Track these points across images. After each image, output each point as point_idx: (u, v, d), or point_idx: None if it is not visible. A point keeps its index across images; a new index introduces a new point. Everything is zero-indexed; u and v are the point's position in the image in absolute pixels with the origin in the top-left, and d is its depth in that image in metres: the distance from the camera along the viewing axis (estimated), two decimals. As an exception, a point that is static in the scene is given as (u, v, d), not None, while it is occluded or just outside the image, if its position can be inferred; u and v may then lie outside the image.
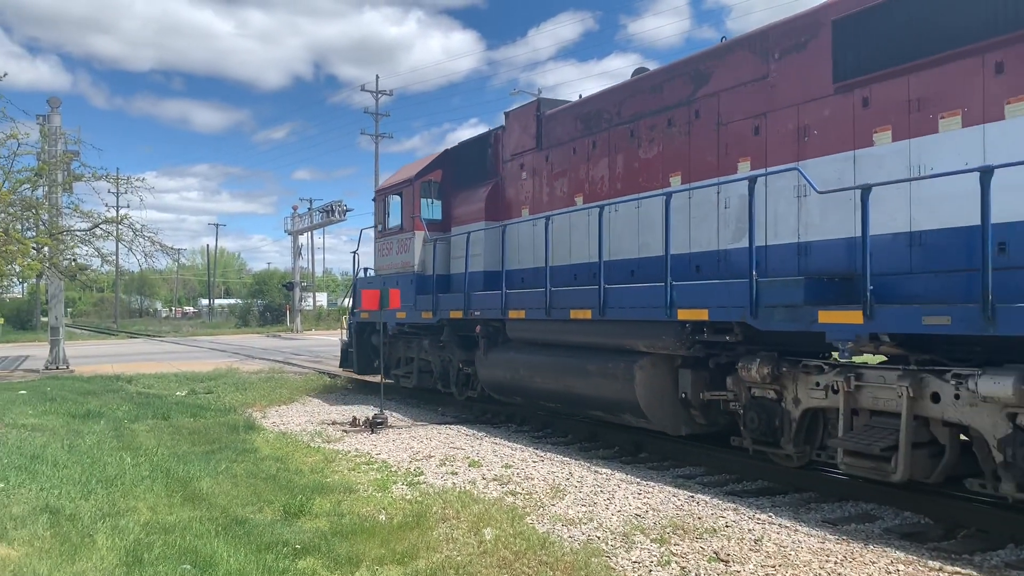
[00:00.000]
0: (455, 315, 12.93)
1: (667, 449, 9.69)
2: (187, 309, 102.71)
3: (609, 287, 9.76)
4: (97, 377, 20.69)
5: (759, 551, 5.98)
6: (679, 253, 9.31)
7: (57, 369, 23.35)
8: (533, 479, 8.49)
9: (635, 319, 9.34)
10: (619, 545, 6.16)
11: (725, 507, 7.25)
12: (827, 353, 7.83)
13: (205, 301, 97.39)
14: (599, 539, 6.31)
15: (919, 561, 5.74)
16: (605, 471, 8.86)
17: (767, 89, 8.73)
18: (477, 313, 12.41)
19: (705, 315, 8.31)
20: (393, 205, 15.72)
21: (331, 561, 5.70)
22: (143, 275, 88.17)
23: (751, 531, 6.49)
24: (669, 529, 6.52)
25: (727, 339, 8.39)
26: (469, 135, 14.50)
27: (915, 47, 7.21)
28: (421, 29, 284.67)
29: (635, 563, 5.76)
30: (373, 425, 11.95)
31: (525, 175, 13.10)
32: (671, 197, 9.00)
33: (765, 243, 8.51)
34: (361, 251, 17.22)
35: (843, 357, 7.20)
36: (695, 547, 6.07)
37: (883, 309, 6.71)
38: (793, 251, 8.30)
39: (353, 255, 17.67)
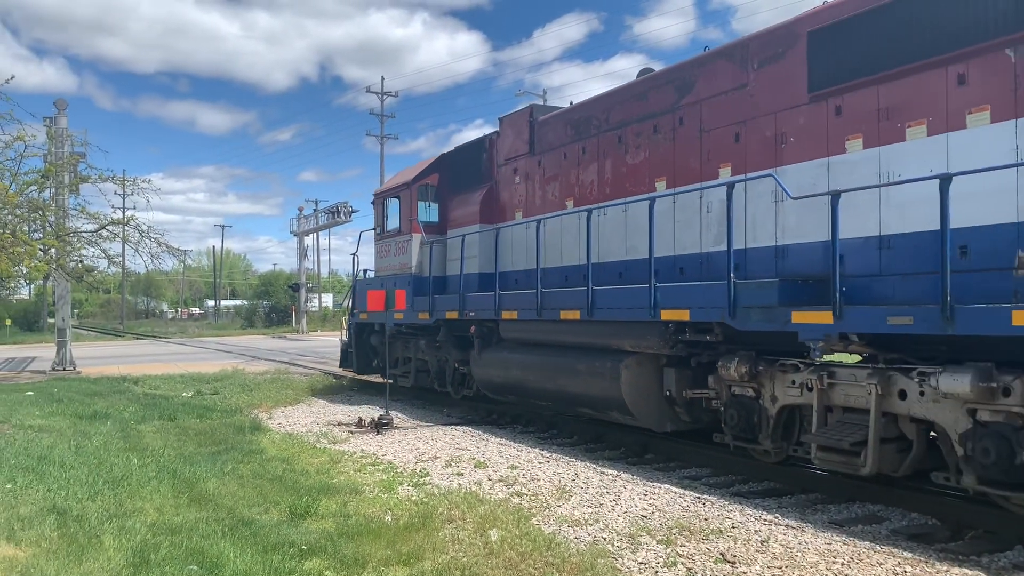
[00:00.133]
0: (451, 316, 13.16)
1: (673, 450, 9.69)
2: (193, 310, 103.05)
3: (597, 288, 9.97)
4: (104, 378, 20.76)
5: (765, 552, 5.97)
6: (664, 256, 9.56)
7: (64, 370, 23.41)
8: (539, 480, 8.49)
9: (621, 319, 9.60)
10: (625, 546, 6.15)
11: (731, 508, 7.24)
12: (805, 352, 7.96)
13: (211, 302, 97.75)
14: (605, 540, 6.31)
15: (926, 562, 5.72)
16: (611, 472, 8.86)
17: (747, 98, 8.94)
18: (472, 314, 12.61)
19: (687, 315, 8.57)
20: (391, 208, 15.95)
21: (337, 562, 5.71)
22: (149, 276, 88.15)
23: (757, 532, 6.48)
24: (675, 530, 6.51)
25: (708, 339, 8.62)
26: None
27: (884, 59, 7.45)
28: (426, 30, 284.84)
29: (641, 564, 5.76)
30: (379, 426, 11.97)
31: (519, 179, 13.27)
32: (655, 202, 9.27)
33: (745, 246, 8.75)
34: (361, 253, 17.38)
35: (814, 356, 7.42)
36: (701, 548, 6.07)
37: (851, 310, 6.95)
38: (771, 254, 8.54)
39: (353, 256, 17.96)
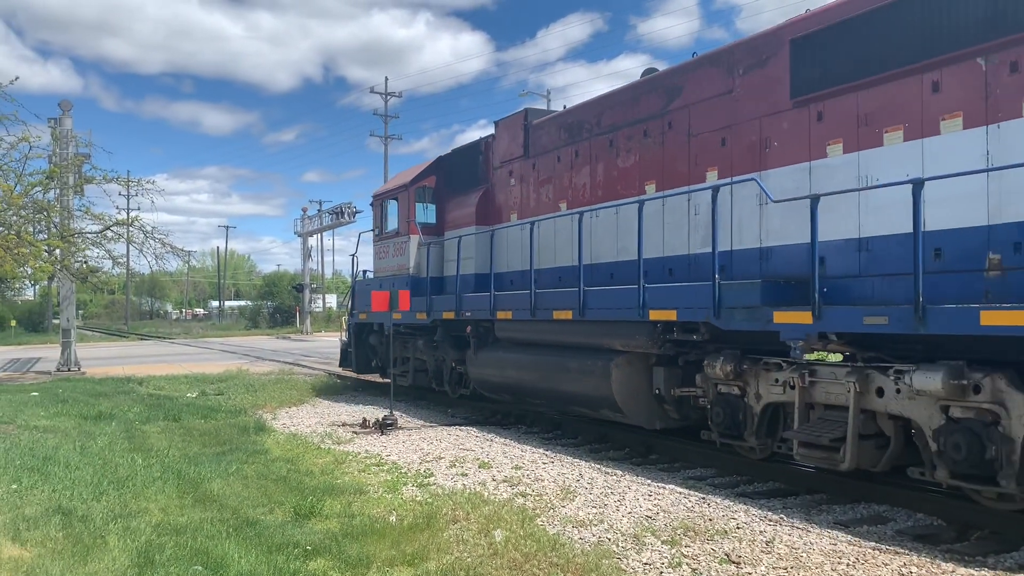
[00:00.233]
0: (447, 316, 13.34)
1: (677, 450, 9.68)
2: (197, 311, 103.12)
3: (588, 289, 10.18)
4: (108, 379, 20.81)
5: (771, 553, 5.95)
6: (654, 257, 9.83)
7: (69, 371, 23.46)
8: (543, 480, 8.49)
9: (611, 319, 9.79)
10: (630, 547, 6.14)
11: (736, 508, 7.22)
12: (787, 351, 8.12)
13: (215, 303, 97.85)
14: (610, 540, 6.30)
15: (932, 563, 5.71)
16: (615, 472, 8.85)
17: (732, 103, 9.15)
18: (468, 314, 12.80)
19: (674, 315, 8.78)
20: (390, 209, 16.19)
21: (342, 562, 5.71)
22: (154, 277, 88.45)
23: (762, 533, 6.46)
24: (680, 531, 6.49)
25: (695, 338, 8.82)
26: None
27: (863, 66, 7.65)
28: (430, 31, 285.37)
29: (646, 565, 5.75)
30: (383, 426, 11.97)
31: (513, 182, 13.47)
32: (643, 205, 9.47)
33: (731, 248, 8.97)
34: (360, 254, 17.64)
35: (794, 355, 7.58)
36: (706, 549, 6.05)
37: (830, 310, 7.15)
38: (756, 255, 8.76)
39: (352, 258, 18.25)
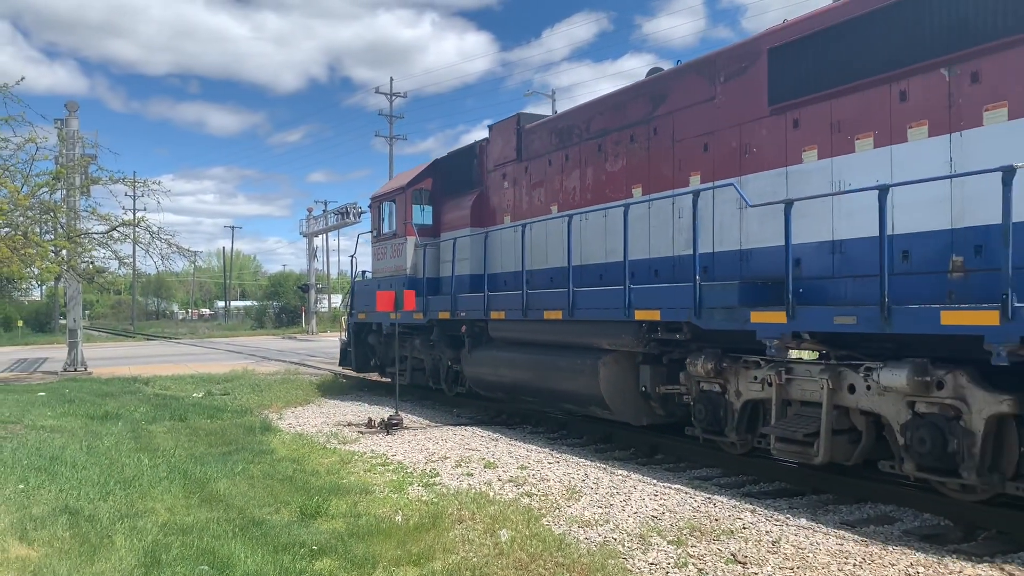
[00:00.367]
0: (443, 316, 13.68)
1: (683, 450, 9.68)
2: (203, 311, 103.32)
3: (577, 290, 10.49)
4: (115, 379, 20.87)
5: (777, 553, 5.94)
6: (640, 259, 10.19)
7: (75, 371, 23.53)
8: (549, 480, 8.48)
9: (599, 319, 10.11)
10: (636, 547, 6.14)
11: (742, 508, 7.21)
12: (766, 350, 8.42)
13: (221, 303, 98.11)
14: (616, 541, 6.29)
15: (939, 563, 5.69)
16: (621, 472, 8.84)
17: (714, 110, 9.45)
18: (463, 314, 13.15)
19: (658, 315, 9.10)
20: (388, 211, 16.54)
21: (348, 562, 5.71)
22: (160, 277, 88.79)
23: (769, 533, 6.45)
24: (686, 531, 6.49)
25: (678, 337, 9.12)
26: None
27: (835, 75, 7.95)
28: (435, 31, 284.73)
29: (652, 565, 5.74)
30: (388, 426, 11.98)
31: (507, 184, 13.77)
32: (628, 208, 9.79)
33: (712, 250, 9.28)
34: (359, 254, 17.92)
35: (770, 353, 7.82)
36: (712, 549, 6.05)
37: (803, 310, 7.45)
38: (736, 257, 9.07)
39: (351, 259, 18.60)
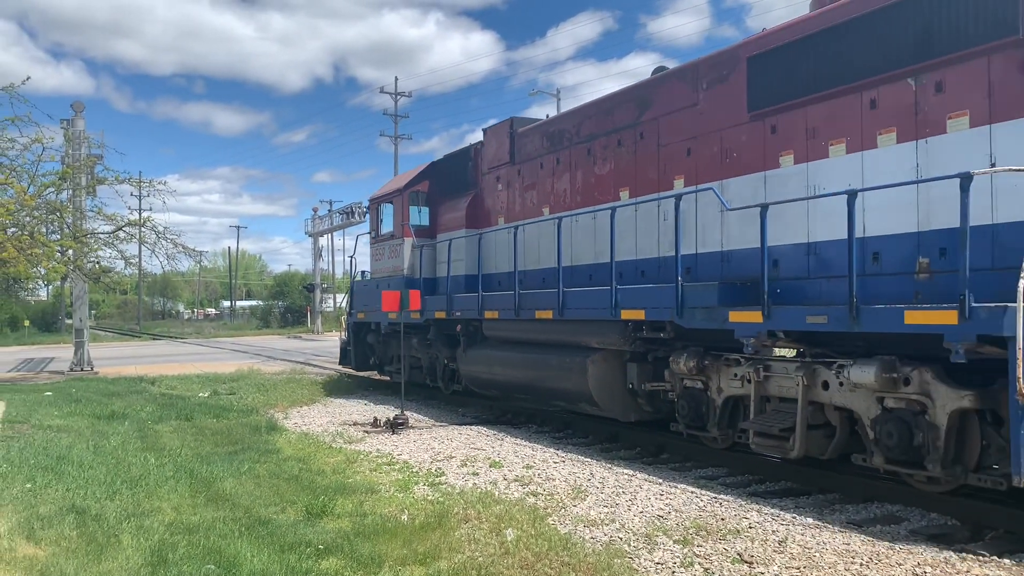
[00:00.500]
0: (439, 315, 13.93)
1: (689, 450, 9.67)
2: (209, 311, 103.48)
3: (567, 290, 10.77)
4: (121, 379, 20.93)
5: (783, 552, 5.93)
6: (627, 260, 10.47)
7: (82, 371, 23.60)
8: (554, 480, 8.48)
9: (588, 318, 10.39)
10: (642, 546, 6.13)
11: (748, 508, 7.20)
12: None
13: (227, 303, 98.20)
14: (621, 540, 6.28)
15: (946, 563, 5.67)
16: (626, 472, 8.84)
17: (697, 116, 9.70)
18: (458, 313, 13.43)
19: (642, 315, 9.38)
20: (385, 213, 16.81)
21: (354, 561, 5.71)
22: (166, 277, 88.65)
23: (775, 532, 6.44)
24: (692, 530, 6.48)
25: (662, 336, 9.40)
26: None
27: (810, 83, 8.19)
28: (440, 30, 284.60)
29: (658, 564, 5.74)
30: (394, 426, 11.99)
31: (501, 187, 14.04)
32: (615, 211, 10.11)
33: (696, 251, 9.58)
34: (358, 255, 18.18)
35: (747, 351, 8.08)
36: (718, 548, 6.04)
37: (778, 309, 7.71)
38: (718, 259, 9.34)
39: (350, 259, 18.92)
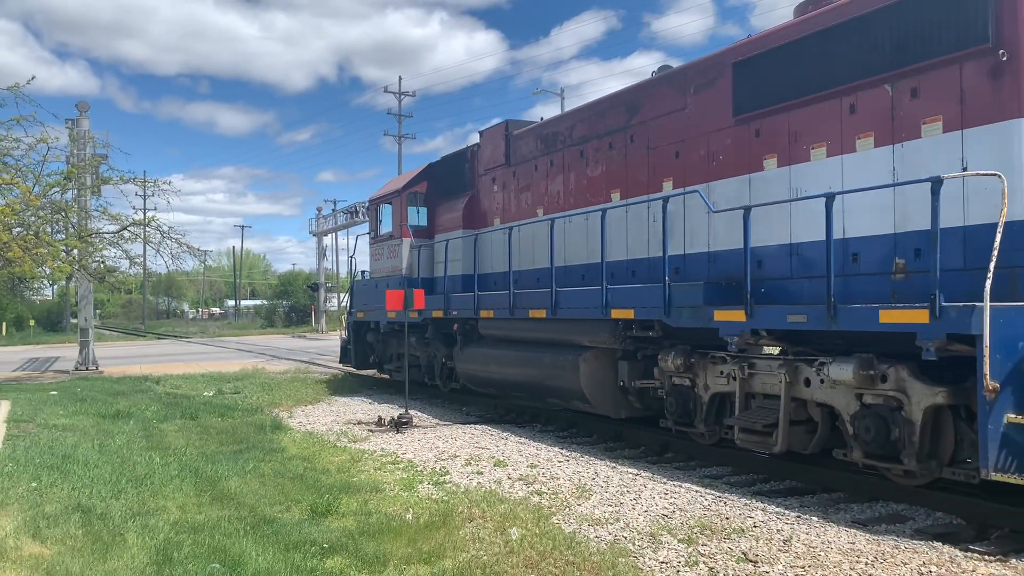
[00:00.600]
0: (437, 314, 14.15)
1: (693, 449, 9.65)
2: (214, 310, 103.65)
3: (560, 290, 10.98)
4: (126, 378, 20.97)
5: (788, 551, 5.92)
6: (618, 260, 10.68)
7: (87, 370, 23.66)
8: (559, 479, 8.48)
9: (580, 317, 10.60)
10: (646, 545, 6.12)
11: (753, 507, 7.19)
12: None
13: (231, 302, 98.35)
14: (626, 539, 6.28)
15: (952, 562, 5.66)
16: (631, 471, 8.83)
17: (685, 119, 9.90)
18: (455, 312, 13.68)
19: (632, 314, 9.59)
20: (384, 213, 17.04)
21: (358, 560, 5.71)
22: (170, 277, 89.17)
23: (780, 531, 6.43)
24: (697, 529, 6.47)
25: (650, 334, 9.63)
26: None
27: (793, 89, 8.38)
28: (444, 30, 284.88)
29: (663, 563, 5.73)
30: (398, 425, 12.00)
31: (496, 188, 14.25)
32: (606, 213, 10.28)
33: (684, 252, 9.76)
34: (357, 254, 18.33)
35: (730, 350, 8.29)
36: (723, 547, 6.03)
37: (761, 309, 7.89)
38: (705, 259, 9.53)
39: (350, 259, 19.18)
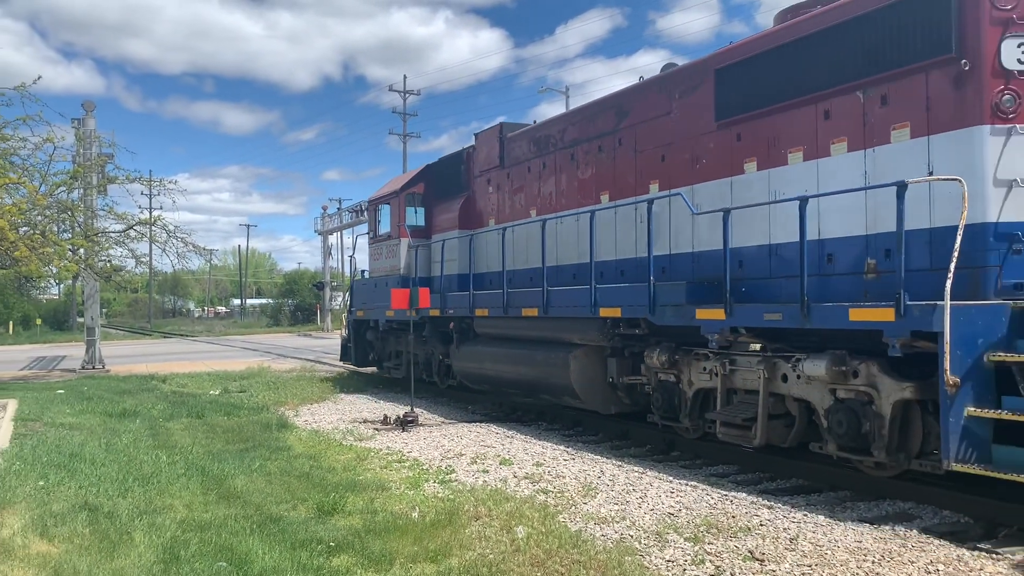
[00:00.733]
0: (434, 313, 14.34)
1: (699, 447, 9.65)
2: (219, 309, 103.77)
3: (551, 289, 11.29)
4: (132, 376, 21.02)
5: (795, 550, 5.91)
6: (608, 260, 10.98)
7: (93, 369, 23.71)
8: (564, 477, 8.48)
9: (570, 316, 10.91)
10: (652, 544, 6.11)
11: (759, 505, 7.18)
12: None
13: (237, 301, 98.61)
14: (632, 537, 6.27)
15: (959, 560, 5.63)
16: (637, 469, 8.82)
17: (670, 123, 10.17)
18: (451, 311, 14.05)
19: (619, 312, 9.89)
20: (383, 214, 17.35)
21: (365, 559, 5.72)
22: (176, 276, 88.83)
23: (786, 530, 6.41)
24: (703, 528, 6.46)
25: (637, 332, 9.92)
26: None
27: (771, 95, 8.63)
28: (449, 28, 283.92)
29: (669, 562, 5.72)
30: (404, 423, 12.01)
31: (491, 189, 14.58)
32: (595, 214, 10.61)
33: (669, 252, 10.04)
34: (357, 253, 18.55)
35: (711, 347, 8.57)
36: (729, 546, 6.02)
37: (739, 307, 8.18)
38: (689, 259, 9.80)
39: (350, 258, 19.53)
